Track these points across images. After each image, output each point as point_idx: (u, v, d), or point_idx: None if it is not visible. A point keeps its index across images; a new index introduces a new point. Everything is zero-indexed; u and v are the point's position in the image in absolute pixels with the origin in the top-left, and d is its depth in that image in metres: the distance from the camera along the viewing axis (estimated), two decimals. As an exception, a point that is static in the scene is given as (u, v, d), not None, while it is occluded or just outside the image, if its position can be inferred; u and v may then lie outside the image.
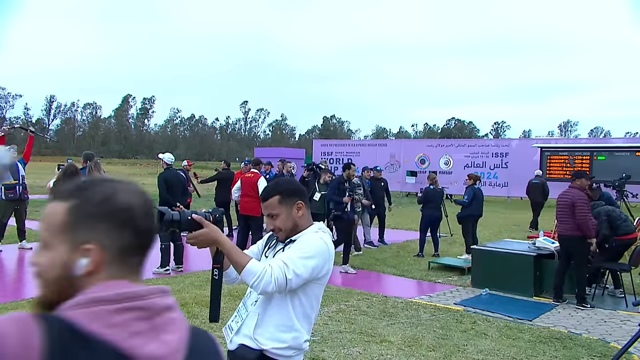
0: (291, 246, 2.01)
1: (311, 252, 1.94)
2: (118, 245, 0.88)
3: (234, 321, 2.06)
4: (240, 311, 2.06)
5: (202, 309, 5.72)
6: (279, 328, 1.95)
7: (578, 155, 20.58)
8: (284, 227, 2.01)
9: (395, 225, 14.08)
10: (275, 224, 2.01)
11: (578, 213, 6.33)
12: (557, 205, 6.72)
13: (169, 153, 8.49)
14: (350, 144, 34.00)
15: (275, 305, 1.96)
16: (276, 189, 2.05)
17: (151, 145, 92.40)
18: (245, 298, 2.10)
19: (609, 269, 7.20)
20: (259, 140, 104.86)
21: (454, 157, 24.71)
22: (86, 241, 0.86)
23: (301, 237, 2.03)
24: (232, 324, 2.06)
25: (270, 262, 1.89)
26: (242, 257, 1.84)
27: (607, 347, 4.99)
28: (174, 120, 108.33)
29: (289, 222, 2.01)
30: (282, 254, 1.98)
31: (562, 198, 6.64)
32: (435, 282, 7.67)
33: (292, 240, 2.04)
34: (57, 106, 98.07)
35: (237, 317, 2.05)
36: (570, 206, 6.41)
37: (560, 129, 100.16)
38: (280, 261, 1.88)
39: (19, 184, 8.83)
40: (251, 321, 1.98)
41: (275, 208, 2.00)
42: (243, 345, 1.97)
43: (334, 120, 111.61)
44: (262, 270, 1.82)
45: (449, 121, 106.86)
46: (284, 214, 2.01)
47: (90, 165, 7.80)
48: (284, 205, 2.00)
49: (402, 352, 4.63)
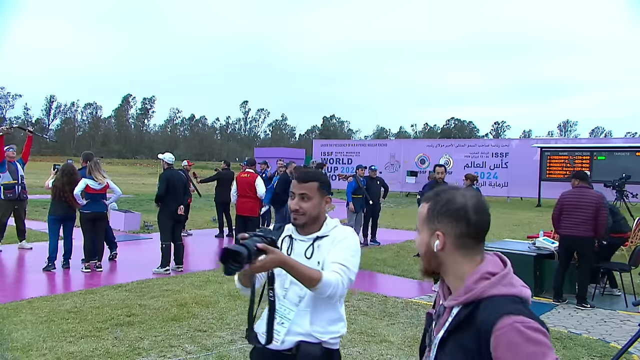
0: (336, 245, 2.08)
1: (356, 249, 2.11)
2: (456, 233, 1.31)
3: (277, 324, 2.08)
4: (280, 313, 2.09)
5: (202, 308, 5.72)
6: (331, 321, 2.10)
7: (578, 155, 20.58)
8: (309, 212, 2.11)
9: (395, 225, 14.09)
10: (303, 205, 2.10)
11: (602, 214, 6.28)
12: (573, 205, 6.44)
13: (169, 153, 8.47)
14: (350, 144, 33.99)
15: (324, 302, 2.07)
16: (318, 176, 2.18)
17: (151, 145, 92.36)
18: (275, 299, 2.05)
19: (608, 269, 7.19)
20: (259, 140, 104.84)
21: (454, 157, 24.71)
22: (437, 229, 1.33)
23: (338, 234, 2.13)
24: (277, 327, 2.07)
25: (333, 269, 1.98)
26: (314, 272, 1.91)
27: (607, 347, 4.99)
28: (174, 120, 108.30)
29: (316, 210, 2.13)
30: (335, 255, 2.05)
31: (584, 199, 6.41)
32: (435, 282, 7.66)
33: (319, 237, 2.12)
34: (57, 106, 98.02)
35: (280, 320, 2.09)
36: (596, 207, 6.29)
37: (560, 129, 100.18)
38: (342, 266, 2.00)
39: (18, 184, 8.83)
40: (303, 319, 2.07)
41: (312, 192, 2.12)
42: (303, 342, 2.07)
43: (334, 121, 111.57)
44: (336, 281, 1.94)
45: (449, 121, 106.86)
46: (316, 200, 2.12)
47: (90, 165, 7.80)
48: (319, 193, 2.13)
49: (402, 352, 4.63)
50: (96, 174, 7.60)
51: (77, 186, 7.45)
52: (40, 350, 4.35)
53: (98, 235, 7.76)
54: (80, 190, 7.41)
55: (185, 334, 4.91)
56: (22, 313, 5.40)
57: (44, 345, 4.46)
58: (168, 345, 4.60)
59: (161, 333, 4.89)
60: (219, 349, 4.52)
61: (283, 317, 2.10)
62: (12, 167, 8.81)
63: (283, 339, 2.08)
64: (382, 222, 12.56)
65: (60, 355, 4.28)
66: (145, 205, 15.69)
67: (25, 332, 4.81)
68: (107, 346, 4.50)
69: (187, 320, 5.29)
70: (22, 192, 8.94)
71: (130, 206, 14.66)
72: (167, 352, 4.42)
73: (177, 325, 5.13)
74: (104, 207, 7.82)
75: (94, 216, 7.60)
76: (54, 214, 7.70)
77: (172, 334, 4.89)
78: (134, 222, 11.92)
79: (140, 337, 4.77)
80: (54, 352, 4.32)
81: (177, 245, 7.89)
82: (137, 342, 4.62)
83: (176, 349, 4.51)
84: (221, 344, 4.65)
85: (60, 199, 7.58)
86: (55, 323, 5.06)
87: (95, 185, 7.53)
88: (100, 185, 7.58)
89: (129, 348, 4.48)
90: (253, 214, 8.65)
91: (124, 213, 11.90)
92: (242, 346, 4.61)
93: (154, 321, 5.23)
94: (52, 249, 7.57)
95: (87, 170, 7.71)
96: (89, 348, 4.43)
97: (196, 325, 5.17)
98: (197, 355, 4.39)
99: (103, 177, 7.66)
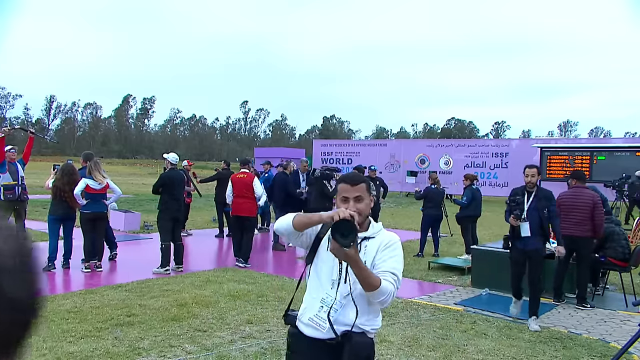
0: (384, 252, 2.21)
1: (402, 256, 2.25)
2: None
3: (323, 312, 2.19)
4: (327, 302, 2.20)
5: (202, 308, 5.72)
6: (373, 316, 2.25)
7: (578, 155, 20.57)
8: (364, 212, 2.22)
9: (395, 225, 14.08)
10: (360, 207, 2.21)
11: (599, 214, 6.32)
12: (569, 205, 6.47)
13: (174, 153, 8.45)
14: (350, 144, 33.99)
15: (368, 299, 2.18)
16: (363, 177, 2.33)
17: (151, 145, 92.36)
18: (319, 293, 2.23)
19: (608, 269, 7.19)
20: (259, 140, 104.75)
21: (454, 157, 24.72)
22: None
23: (385, 239, 2.25)
24: (322, 315, 2.19)
25: (387, 278, 2.11)
26: (375, 279, 2.06)
27: (607, 347, 4.99)
28: (174, 120, 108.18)
29: (368, 209, 2.25)
30: (388, 264, 2.17)
31: (579, 199, 6.44)
32: (435, 282, 7.67)
33: (367, 238, 2.23)
34: (57, 106, 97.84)
35: (326, 309, 2.19)
36: (591, 207, 6.33)
37: (560, 129, 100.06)
38: (394, 275, 2.14)
39: (18, 185, 8.82)
40: (350, 312, 2.17)
41: (363, 193, 2.23)
42: (348, 332, 2.18)
43: (334, 120, 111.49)
44: (390, 290, 2.09)
45: (449, 121, 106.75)
46: (367, 200, 2.24)
47: (90, 165, 7.80)
48: (368, 193, 2.25)
49: (402, 352, 4.63)
50: (96, 174, 7.59)
51: (77, 186, 7.45)
52: (40, 350, 4.35)
53: (98, 235, 7.75)
54: (81, 190, 7.41)
55: (185, 334, 4.91)
56: (22, 313, 5.40)
57: (44, 345, 4.46)
58: (168, 345, 4.60)
59: (161, 333, 4.90)
60: (219, 349, 4.52)
61: (328, 308, 2.20)
62: (12, 167, 8.80)
63: (327, 328, 2.17)
64: (382, 222, 12.47)
65: (60, 355, 4.28)
66: (145, 205, 15.69)
67: (25, 332, 4.80)
68: (107, 346, 4.50)
69: (187, 320, 5.29)
70: (22, 193, 8.92)
71: (130, 206, 14.66)
72: (167, 352, 4.42)
73: (177, 325, 5.13)
74: (104, 207, 7.82)
75: (94, 216, 7.60)
76: (54, 214, 7.70)
77: (172, 334, 4.89)
78: (134, 222, 11.92)
79: (140, 337, 4.77)
80: (54, 352, 4.32)
81: (176, 245, 7.88)
82: (137, 342, 4.62)
83: (176, 349, 4.51)
84: (221, 344, 4.65)
85: (60, 199, 7.58)
86: (55, 323, 5.06)
87: (95, 185, 7.53)
88: (100, 185, 7.58)
89: (129, 348, 4.48)
90: (251, 214, 8.61)
91: (124, 213, 11.90)
92: (242, 346, 4.61)
93: (154, 321, 5.23)
94: (52, 249, 7.57)
95: (87, 170, 7.71)
96: (89, 348, 4.43)
97: (196, 325, 5.17)
98: (197, 355, 4.39)
99: (103, 177, 7.66)
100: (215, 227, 11.97)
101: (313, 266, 2.27)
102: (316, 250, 2.25)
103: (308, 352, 2.22)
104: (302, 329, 2.25)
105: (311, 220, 2.15)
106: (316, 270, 2.25)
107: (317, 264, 2.25)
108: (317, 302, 2.21)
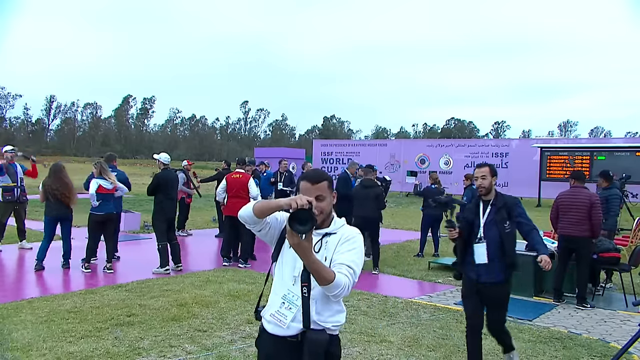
0: (343, 245, 2.18)
1: (362, 250, 2.21)
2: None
3: (284, 309, 2.20)
4: (288, 299, 2.19)
5: (202, 308, 5.72)
6: (334, 312, 2.21)
7: (578, 155, 20.61)
8: (326, 210, 2.21)
9: (395, 225, 14.08)
10: (322, 205, 2.19)
11: (597, 214, 6.33)
12: (567, 205, 6.53)
13: (165, 153, 8.46)
14: (350, 144, 34.03)
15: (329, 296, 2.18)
16: (324, 175, 2.28)
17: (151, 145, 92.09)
18: (281, 289, 2.22)
19: (608, 268, 7.19)
20: (259, 140, 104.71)
21: (454, 157, 24.74)
22: None
23: (345, 233, 2.22)
24: (284, 311, 2.19)
25: (342, 271, 2.07)
26: (329, 272, 2.02)
27: (607, 347, 4.99)
28: (174, 120, 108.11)
29: (329, 207, 2.24)
30: (344, 257, 2.13)
31: (577, 198, 6.47)
32: (435, 282, 7.68)
33: (328, 234, 2.21)
34: (57, 106, 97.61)
35: (288, 305, 2.19)
36: (589, 207, 6.34)
37: (560, 129, 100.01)
38: (350, 268, 2.10)
39: (17, 186, 8.83)
40: (310, 308, 2.16)
41: (325, 191, 2.21)
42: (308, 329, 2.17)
43: (334, 121, 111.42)
44: (345, 283, 2.04)
45: (449, 121, 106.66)
46: (329, 198, 2.23)
47: (100, 165, 7.76)
48: (330, 190, 2.24)
49: (402, 352, 4.63)
50: (108, 174, 7.65)
51: (90, 187, 7.53)
52: (40, 350, 4.35)
53: (109, 236, 7.79)
54: (94, 190, 7.45)
55: (185, 334, 4.91)
56: (22, 313, 5.40)
57: (44, 345, 4.46)
58: (168, 345, 4.60)
59: (161, 333, 4.90)
60: (219, 349, 4.52)
61: (291, 303, 2.19)
62: (11, 169, 8.81)
63: (288, 324, 2.16)
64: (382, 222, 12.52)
65: (60, 355, 4.28)
66: (145, 205, 15.68)
67: (25, 332, 4.81)
68: (107, 346, 4.50)
69: (187, 320, 5.29)
70: (21, 194, 8.94)
71: (130, 206, 14.65)
72: (167, 352, 4.42)
73: (177, 325, 5.13)
74: (114, 207, 7.85)
75: (105, 218, 7.62)
76: (48, 215, 7.71)
77: (172, 334, 4.89)
78: (134, 222, 11.92)
79: (140, 337, 4.77)
80: (54, 352, 4.32)
81: (172, 244, 7.90)
82: (137, 342, 4.62)
83: (176, 349, 4.51)
84: (221, 344, 4.65)
85: (54, 198, 7.57)
86: (55, 323, 5.06)
87: (107, 185, 7.60)
88: (112, 185, 7.64)
89: (129, 348, 4.48)
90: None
91: (124, 213, 11.87)
92: (242, 346, 4.61)
93: (154, 321, 5.23)
94: (41, 249, 7.61)
95: (98, 170, 7.69)
96: (89, 348, 4.43)
97: (196, 325, 5.17)
98: (197, 355, 4.39)
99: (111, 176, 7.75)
100: (215, 227, 11.97)
101: (278, 263, 2.27)
102: (281, 247, 2.25)
103: (272, 348, 2.21)
104: (265, 326, 2.25)
105: (269, 205, 2.10)
106: (280, 266, 2.25)
107: (282, 261, 2.25)
108: (279, 298, 2.21)
